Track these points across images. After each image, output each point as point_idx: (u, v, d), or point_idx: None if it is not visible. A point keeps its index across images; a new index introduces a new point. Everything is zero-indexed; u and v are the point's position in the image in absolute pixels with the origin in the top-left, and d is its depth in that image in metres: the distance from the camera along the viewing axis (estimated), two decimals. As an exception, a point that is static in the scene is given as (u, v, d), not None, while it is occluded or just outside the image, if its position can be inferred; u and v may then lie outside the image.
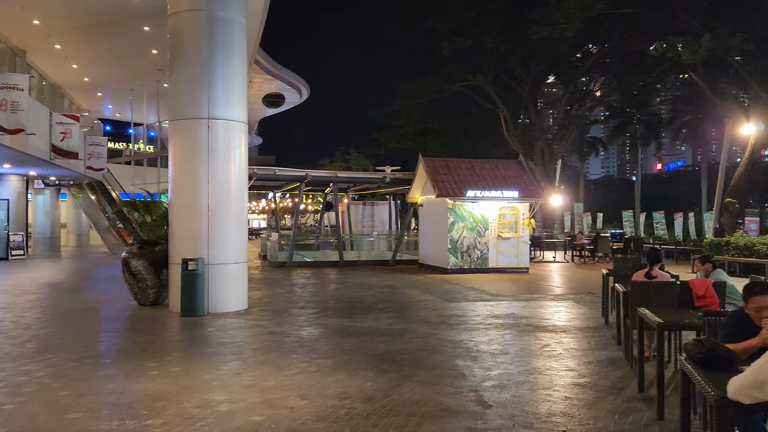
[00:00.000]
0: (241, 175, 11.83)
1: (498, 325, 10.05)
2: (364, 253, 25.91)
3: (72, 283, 16.36)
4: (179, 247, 11.39)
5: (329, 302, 12.77)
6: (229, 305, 11.45)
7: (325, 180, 22.63)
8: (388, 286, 15.95)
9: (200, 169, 11.29)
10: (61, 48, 25.17)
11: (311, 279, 17.74)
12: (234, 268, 11.58)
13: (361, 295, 14.01)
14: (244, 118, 11.89)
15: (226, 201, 11.46)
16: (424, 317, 10.85)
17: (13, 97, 15.56)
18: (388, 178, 22.22)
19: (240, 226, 11.76)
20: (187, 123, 11.39)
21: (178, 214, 11.49)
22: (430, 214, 21.24)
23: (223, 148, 11.44)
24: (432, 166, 20.47)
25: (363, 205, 32.36)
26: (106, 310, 11.56)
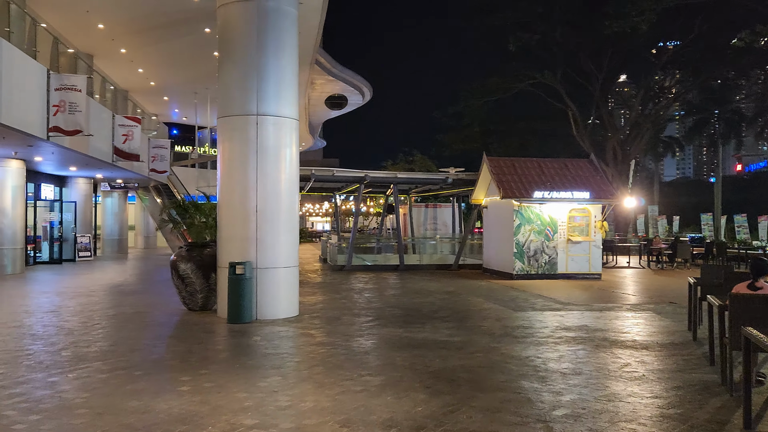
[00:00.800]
0: (292, 175, 11.21)
1: (569, 338, 9.05)
2: (425, 256, 25.06)
3: (129, 286, 16.18)
4: (227, 250, 10.86)
5: (385, 309, 12.00)
6: (279, 312, 10.84)
7: (385, 181, 21.93)
8: (449, 292, 15.07)
9: (249, 169, 10.73)
10: (126, 52, 25.40)
11: (369, 283, 17.04)
12: (284, 272, 10.97)
13: (420, 301, 13.19)
14: (295, 115, 11.28)
15: (275, 202, 10.86)
16: (487, 328, 9.94)
17: (71, 98, 15.49)
18: (450, 179, 21.32)
19: (290, 229, 11.14)
20: (236, 120, 10.86)
21: (226, 215, 10.97)
22: (494, 217, 20.23)
23: (272, 146, 10.85)
24: (497, 166, 19.46)
25: (425, 207, 31.52)
26: (153, 315, 11.14)
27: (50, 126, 15.38)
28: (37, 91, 14.98)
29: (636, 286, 16.81)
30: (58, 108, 15.43)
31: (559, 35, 34.67)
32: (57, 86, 15.47)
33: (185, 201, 12.55)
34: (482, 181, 20.30)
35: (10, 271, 19.59)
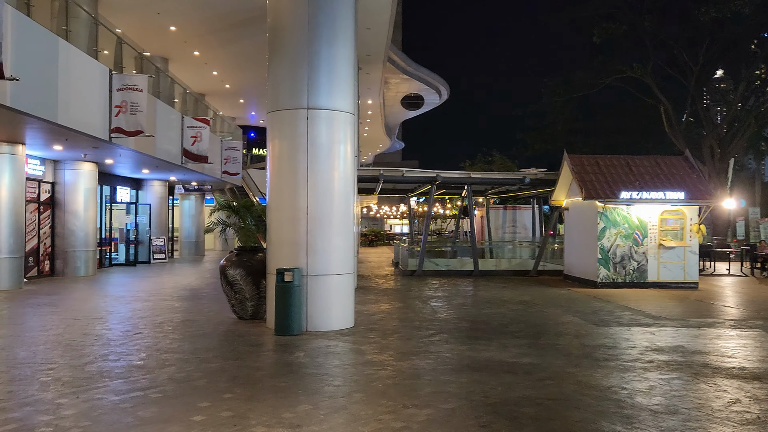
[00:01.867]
0: (347, 174, 10.29)
1: (661, 363, 7.67)
2: (503, 261, 23.68)
3: (191, 290, 15.73)
4: (276, 255, 10.04)
5: (450, 321, 10.88)
6: (331, 323, 9.92)
7: (458, 182, 20.73)
8: (524, 302, 13.76)
9: (298, 167, 9.87)
10: (199, 55, 25.35)
11: (438, 291, 15.92)
12: (337, 280, 10.04)
13: (490, 313, 11.98)
14: (350, 108, 10.36)
15: (327, 203, 9.96)
16: (563, 347, 8.66)
17: (133, 98, 15.20)
18: (528, 179, 19.90)
19: (344, 233, 10.21)
20: (285, 114, 10.03)
21: (275, 218, 10.16)
22: (576, 219, 18.67)
23: (324, 143, 9.96)
24: (578, 164, 17.93)
25: (504, 210, 30.01)
26: (200, 325, 10.46)
27: (112, 127, 15.14)
28: (99, 91, 14.74)
29: (739, 298, 14.93)
30: (120, 108, 15.17)
31: (648, 24, 32.35)
32: (119, 86, 15.21)
33: (234, 203, 11.84)
34: (563, 180, 18.80)
35: (82, 273, 19.68)
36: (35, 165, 18.41)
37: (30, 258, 18.44)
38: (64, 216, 19.57)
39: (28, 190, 18.28)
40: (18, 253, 15.76)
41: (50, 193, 19.42)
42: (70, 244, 19.55)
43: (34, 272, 18.57)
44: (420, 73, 36.61)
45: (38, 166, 18.61)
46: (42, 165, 18.80)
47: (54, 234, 19.55)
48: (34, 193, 18.63)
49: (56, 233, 19.57)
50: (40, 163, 18.67)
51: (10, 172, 15.57)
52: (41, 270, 18.99)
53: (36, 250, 18.74)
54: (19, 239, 15.78)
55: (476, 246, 21.23)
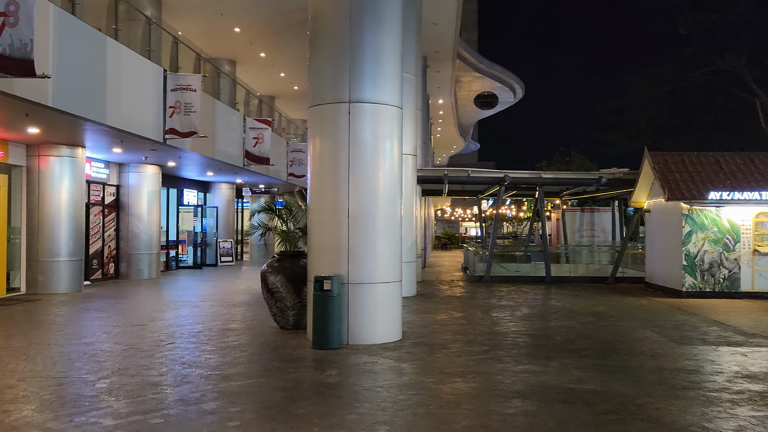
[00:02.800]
0: (393, 174, 9.43)
1: (754, 395, 6.41)
2: (578, 267, 22.19)
3: (247, 294, 15.27)
4: (315, 261, 9.30)
5: (508, 335, 9.83)
6: (375, 336, 9.08)
7: (528, 182, 19.47)
8: (597, 313, 12.49)
9: (339, 166, 9.09)
10: (265, 56, 25.15)
11: (503, 299, 14.82)
12: (382, 289, 9.20)
13: (557, 326, 10.84)
14: (397, 101, 9.50)
15: (371, 205, 9.13)
16: (634, 370, 7.50)
17: (187, 98, 14.89)
18: (604, 179, 18.44)
19: (390, 237, 9.35)
20: (325, 109, 9.28)
21: (315, 221, 9.42)
22: (659, 222, 17.11)
23: (368, 139, 9.14)
24: (661, 162, 16.40)
25: (581, 212, 28.39)
26: (239, 334, 9.85)
27: (166, 128, 14.88)
28: (152, 92, 14.50)
29: None
30: (174, 109, 14.88)
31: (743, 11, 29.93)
32: (173, 87, 14.94)
33: (276, 206, 11.20)
34: (643, 180, 17.27)
35: (145, 276, 19.68)
36: (99, 168, 18.51)
37: (94, 260, 18.54)
38: (128, 219, 19.62)
39: (93, 193, 18.41)
40: (77, 256, 15.75)
41: (115, 196, 19.52)
42: (134, 246, 19.58)
43: (98, 275, 18.67)
44: (493, 71, 35.36)
45: (102, 169, 18.70)
46: (106, 168, 18.89)
47: (118, 237, 19.64)
48: (99, 196, 18.74)
49: (120, 236, 19.65)
50: (104, 166, 18.75)
51: (70, 175, 15.56)
52: (105, 272, 19.09)
53: (100, 252, 18.84)
54: (78, 242, 15.77)
55: (548, 250, 19.92)
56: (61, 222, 15.42)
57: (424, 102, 32.91)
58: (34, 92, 10.15)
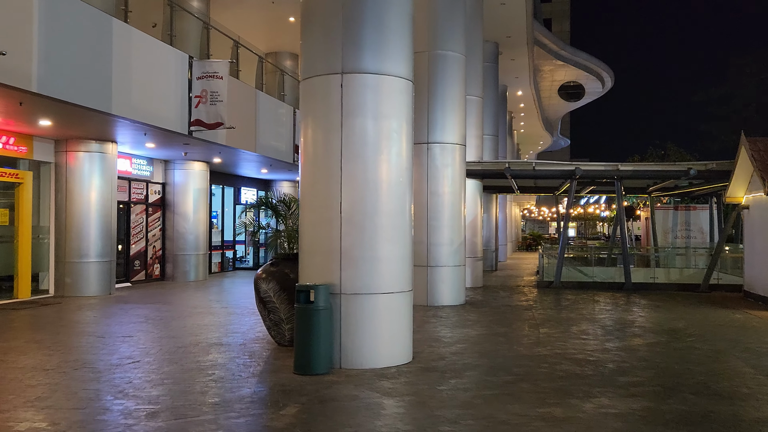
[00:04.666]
0: (402, 162, 7.74)
1: None
2: (666, 272, 19.56)
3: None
4: (306, 266, 7.75)
5: (547, 360, 7.90)
6: (376, 358, 7.43)
7: (603, 175, 17.12)
8: (673, 331, 10.26)
9: (330, 151, 7.50)
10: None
11: (565, 310, 12.75)
12: (385, 300, 7.53)
13: (613, 347, 8.77)
14: (405, 73, 7.81)
15: (371, 200, 7.48)
16: (701, 415, 5.47)
17: (213, 86, 13.74)
18: (693, 170, 15.85)
19: (397, 238, 7.66)
20: (315, 83, 7.70)
21: (307, 218, 7.85)
22: (759, 220, 14.45)
23: (367, 119, 7.49)
24: (762, 149, 13.76)
25: (674, 210, 25.38)
26: (226, 351, 8.44)
27: (192, 119, 13.80)
28: (176, 80, 13.44)
29: None
30: (200, 99, 13.78)
31: None
32: (199, 74, 13.84)
33: (272, 201, 9.74)
34: (740, 171, 14.64)
35: (192, 277, 18.84)
36: (142, 165, 17.79)
37: (136, 261, 17.84)
38: (173, 218, 18.85)
39: (135, 190, 17.71)
40: (107, 257, 14.93)
41: (160, 194, 18.78)
42: (179, 247, 18.78)
43: (141, 276, 17.96)
44: (577, 58, 32.62)
45: (145, 166, 17.98)
46: (150, 165, 18.16)
47: (164, 237, 18.90)
48: (142, 195, 18.03)
49: (166, 236, 18.90)
50: (147, 163, 18.03)
51: (99, 172, 14.78)
52: (150, 274, 18.37)
53: (143, 253, 18.13)
54: (108, 243, 14.95)
55: (627, 253, 17.49)
56: (90, 221, 14.65)
57: (499, 93, 30.82)
58: (13, 76, 9.19)
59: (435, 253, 13.29)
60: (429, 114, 13.38)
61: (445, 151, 13.48)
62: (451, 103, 13.57)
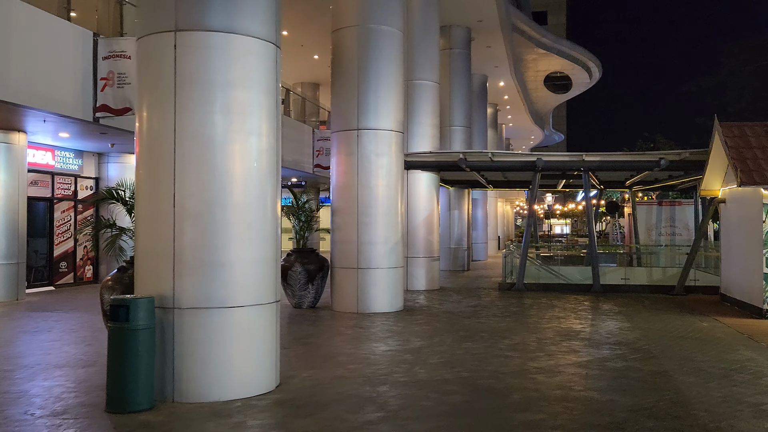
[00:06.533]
0: (260, 142, 6.25)
1: None
2: (641, 273, 18.06)
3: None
4: (139, 274, 6.27)
5: (437, 389, 6.40)
6: (224, 388, 5.92)
7: (568, 167, 15.57)
8: (620, 344, 8.74)
9: (163, 126, 6.02)
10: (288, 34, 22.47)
11: (510, 317, 11.25)
12: (237, 316, 6.03)
13: (534, 369, 7.25)
14: (266, 32, 6.30)
15: (215, 189, 5.98)
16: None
17: (120, 67, 12.26)
18: (664, 161, 14.29)
19: (253, 238, 6.17)
20: (147, 42, 6.19)
21: (139, 213, 6.32)
22: (735, 216, 12.94)
23: (211, 86, 6.00)
24: (737, 135, 12.23)
25: (658, 206, 23.82)
26: (54, 377, 6.97)
27: (98, 104, 12.32)
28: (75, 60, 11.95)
29: None
30: (107, 81, 12.31)
31: None
32: (105, 54, 12.35)
33: (121, 190, 8.25)
34: (715, 160, 13.10)
35: (128, 279, 17.38)
36: (68, 158, 16.34)
37: (62, 263, 16.38)
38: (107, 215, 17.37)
39: (60, 186, 16.26)
40: (13, 259, 13.48)
41: (93, 190, 17.33)
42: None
43: (68, 278, 16.51)
44: (560, 47, 31.07)
45: (73, 160, 16.53)
46: (78, 158, 16.70)
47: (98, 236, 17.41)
48: (69, 190, 16.57)
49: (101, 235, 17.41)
50: (75, 156, 16.57)
51: (4, 165, 13.36)
52: (80, 276, 16.92)
53: (72, 253, 16.68)
54: (14, 242, 13.49)
55: (595, 253, 15.98)
56: (-8, 219, 13.22)
57: (477, 82, 29.27)
58: None
59: (367, 254, 11.79)
60: (359, 97, 11.85)
61: (378, 139, 11.96)
62: (387, 84, 12.05)
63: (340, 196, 12.10)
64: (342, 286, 11.99)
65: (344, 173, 12.01)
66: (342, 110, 12.14)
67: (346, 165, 11.97)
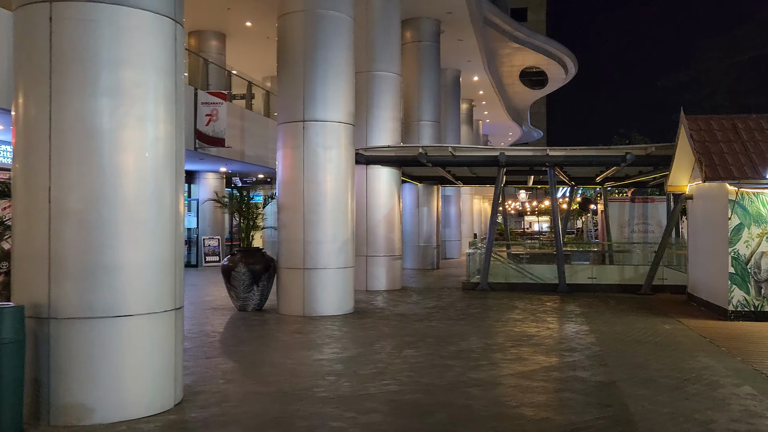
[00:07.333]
0: (156, 129, 5.55)
1: None
2: (610, 271, 17.51)
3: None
4: (16, 278, 5.55)
5: (350, 406, 5.74)
6: (110, 407, 5.22)
7: (532, 162, 14.95)
8: (572, 350, 8.13)
9: (36, 113, 5.30)
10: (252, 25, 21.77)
11: (464, 320, 10.62)
12: (128, 326, 5.33)
13: (472, 381, 6.61)
14: (163, 7, 5.59)
15: (99, 182, 5.28)
16: None
17: None
18: (630, 156, 13.72)
19: (147, 237, 5.47)
20: (20, 15, 5.47)
21: (16, 209, 5.61)
22: (701, 213, 12.41)
23: (86, 61, 5.28)
24: (703, 129, 11.70)
25: (631, 203, 23.35)
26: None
27: None
28: None
29: None
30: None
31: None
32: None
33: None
34: (681, 155, 12.56)
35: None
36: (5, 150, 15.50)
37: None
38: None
39: None
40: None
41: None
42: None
43: (10, 280, 15.65)
44: (534, 41, 30.51)
45: (15, 154, 15.65)
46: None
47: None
48: (11, 186, 15.72)
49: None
50: (17, 151, 15.70)
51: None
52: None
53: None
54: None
55: (562, 251, 15.39)
56: None
57: (450, 77, 28.68)
58: None
59: (314, 253, 11.10)
60: (306, 86, 11.15)
61: (326, 132, 11.27)
62: (336, 74, 11.35)
63: (286, 192, 11.41)
64: (288, 288, 11.30)
65: (290, 167, 11.32)
66: (287, 101, 11.44)
67: (292, 159, 11.28)
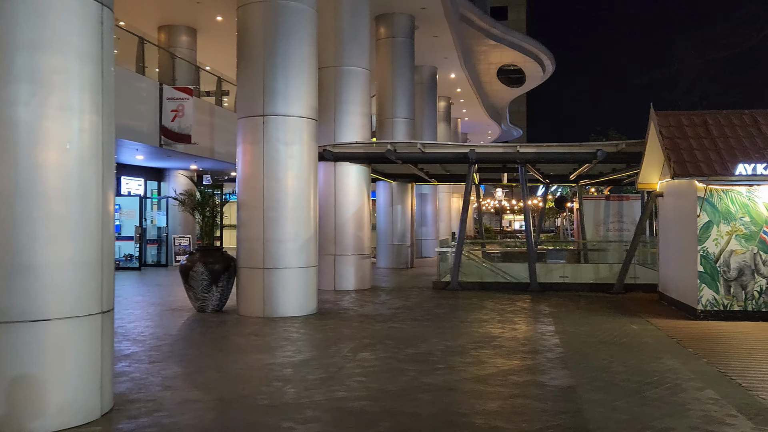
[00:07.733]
0: (77, 117, 5.18)
1: None
2: (582, 270, 17.31)
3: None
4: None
5: (289, 416, 5.41)
6: (24, 420, 4.86)
7: (502, 159, 14.71)
8: (535, 352, 7.87)
9: (-55, 102, 4.93)
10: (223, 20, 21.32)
11: (428, 321, 10.33)
12: (51, 331, 4.96)
13: (425, 386, 6.32)
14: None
15: (14, 176, 4.91)
16: None
17: None
18: (601, 152, 13.50)
19: (67, 235, 5.10)
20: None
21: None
22: (671, 210, 12.23)
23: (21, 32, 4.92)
24: (672, 124, 11.49)
25: (606, 200, 23.24)
26: None
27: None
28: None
29: None
30: None
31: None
32: None
33: None
34: (652, 151, 12.35)
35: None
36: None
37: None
38: None
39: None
40: None
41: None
42: None
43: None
44: (510, 38, 30.31)
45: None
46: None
47: None
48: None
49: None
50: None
51: None
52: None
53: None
54: None
55: (533, 249, 15.15)
56: None
57: (426, 73, 28.40)
58: None
59: (274, 252, 10.74)
60: (266, 79, 10.77)
61: (288, 127, 10.90)
62: (298, 66, 10.99)
63: (245, 189, 11.04)
64: (247, 288, 10.94)
65: (249, 164, 10.94)
66: (247, 94, 11.06)
67: (252, 155, 10.91)
